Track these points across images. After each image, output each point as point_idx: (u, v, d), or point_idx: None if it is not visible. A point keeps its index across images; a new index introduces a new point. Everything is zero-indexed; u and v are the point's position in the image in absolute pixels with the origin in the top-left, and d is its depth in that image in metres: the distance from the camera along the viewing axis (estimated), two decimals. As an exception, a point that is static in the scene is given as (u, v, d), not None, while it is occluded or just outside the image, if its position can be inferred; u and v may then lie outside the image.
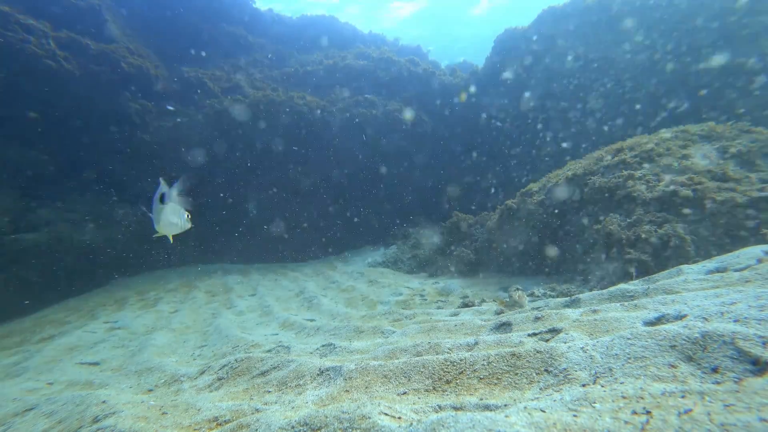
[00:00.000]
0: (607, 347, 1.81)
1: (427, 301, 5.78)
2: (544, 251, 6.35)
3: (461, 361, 2.06)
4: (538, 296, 4.87)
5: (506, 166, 12.02)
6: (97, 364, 4.33)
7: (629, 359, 1.69)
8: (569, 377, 1.71)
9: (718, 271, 3.12)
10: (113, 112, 9.27)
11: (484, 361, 2.01)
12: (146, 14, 11.62)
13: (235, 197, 10.75)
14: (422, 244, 9.77)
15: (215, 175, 10.56)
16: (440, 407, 1.76)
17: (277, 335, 4.61)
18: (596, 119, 10.50)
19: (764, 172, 5.03)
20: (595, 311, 2.68)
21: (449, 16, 42.33)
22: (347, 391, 2.11)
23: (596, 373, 1.68)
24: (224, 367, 3.10)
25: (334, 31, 15.97)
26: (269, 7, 15.91)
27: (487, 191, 11.94)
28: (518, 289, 4.25)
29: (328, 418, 1.67)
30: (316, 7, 36.38)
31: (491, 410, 1.63)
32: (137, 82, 9.66)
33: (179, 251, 10.32)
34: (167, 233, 2.90)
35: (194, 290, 7.93)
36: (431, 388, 1.97)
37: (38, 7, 8.75)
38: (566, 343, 2.00)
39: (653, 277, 3.62)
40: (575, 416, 1.37)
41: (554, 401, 1.50)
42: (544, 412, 1.43)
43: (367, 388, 2.10)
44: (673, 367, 1.58)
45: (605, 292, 3.32)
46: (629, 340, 1.79)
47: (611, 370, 1.67)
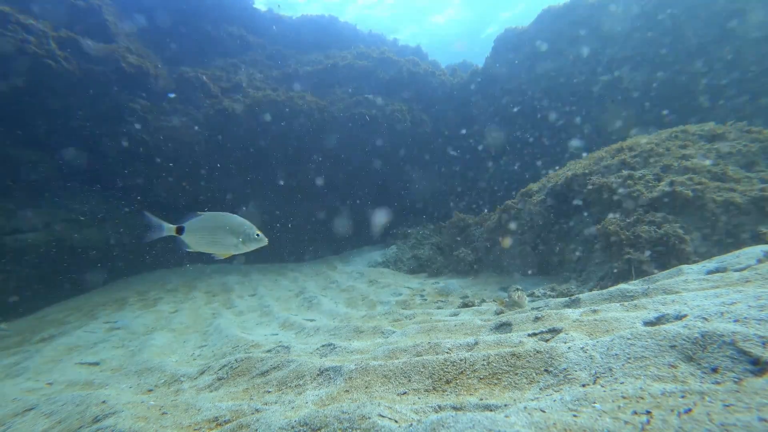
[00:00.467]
0: (607, 347, 1.81)
1: (427, 301, 5.78)
2: (543, 251, 6.34)
3: (461, 361, 2.06)
4: (537, 296, 4.87)
5: (506, 165, 12.02)
6: (97, 364, 4.33)
7: (629, 359, 1.69)
8: (569, 377, 1.71)
9: (718, 271, 3.12)
10: (113, 111, 9.26)
11: (484, 361, 2.01)
12: (146, 14, 11.60)
13: (234, 197, 10.75)
14: (422, 244, 9.77)
15: (214, 174, 10.56)
16: (440, 407, 1.76)
17: (277, 335, 4.61)
18: (596, 119, 10.49)
19: (764, 172, 5.03)
20: (595, 311, 2.68)
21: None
22: (347, 391, 2.11)
23: (596, 373, 1.68)
24: (224, 367, 3.10)
25: (334, 31, 15.95)
26: (269, 7, 15.88)
27: (486, 191, 11.94)
28: (518, 289, 4.24)
29: (328, 418, 1.67)
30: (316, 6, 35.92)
31: (491, 410, 1.63)
32: (137, 81, 9.66)
33: (179, 251, 10.32)
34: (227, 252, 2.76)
35: (194, 290, 7.93)
36: (431, 388, 1.97)
37: (38, 7, 8.75)
38: (566, 343, 2.00)
39: (653, 277, 3.62)
40: (575, 416, 1.37)
41: (554, 401, 1.50)
42: (544, 412, 1.43)
43: (367, 388, 2.10)
44: (673, 367, 1.58)
45: (605, 292, 3.32)
46: (629, 340, 1.79)
47: (611, 370, 1.67)
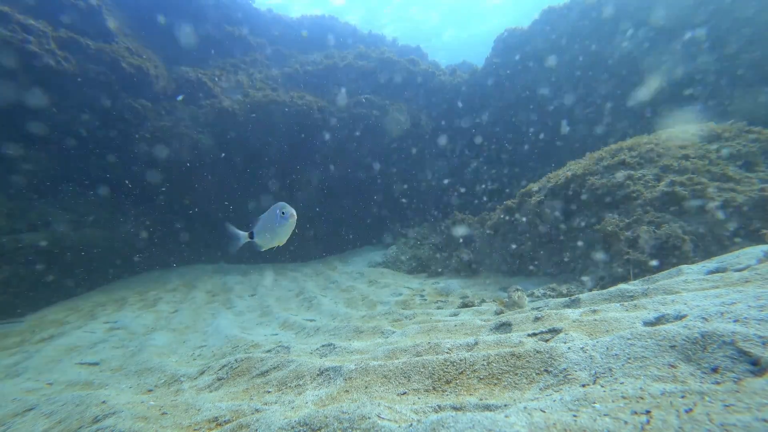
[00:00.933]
0: (606, 347, 1.81)
1: (426, 301, 5.77)
2: (543, 251, 6.34)
3: (461, 361, 2.06)
4: (537, 296, 4.87)
5: (507, 165, 12.02)
6: (96, 364, 4.33)
7: (629, 359, 1.69)
8: (569, 377, 1.71)
9: (718, 271, 3.12)
10: (113, 111, 9.26)
11: (483, 361, 2.01)
12: (146, 14, 11.60)
13: (234, 197, 10.75)
14: (422, 244, 9.76)
15: (215, 174, 10.55)
16: (440, 407, 1.76)
17: (276, 335, 4.61)
18: (597, 120, 10.50)
19: (764, 172, 5.03)
20: (594, 311, 2.68)
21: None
22: (347, 391, 2.11)
23: (596, 373, 1.68)
24: (224, 367, 3.09)
25: (334, 31, 15.96)
26: (269, 7, 15.88)
27: (486, 190, 11.94)
28: (518, 289, 4.24)
29: (327, 418, 1.67)
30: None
31: (491, 410, 1.63)
32: (137, 81, 9.66)
33: (179, 251, 10.33)
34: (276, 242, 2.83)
35: (194, 290, 7.93)
36: (431, 388, 1.97)
37: (38, 7, 8.75)
38: (566, 343, 2.00)
39: (653, 277, 3.62)
40: (575, 416, 1.37)
41: (554, 401, 1.50)
42: (544, 412, 1.43)
43: (366, 388, 2.10)
44: (672, 367, 1.58)
45: (605, 292, 3.32)
46: (629, 340, 1.79)
47: (611, 370, 1.67)
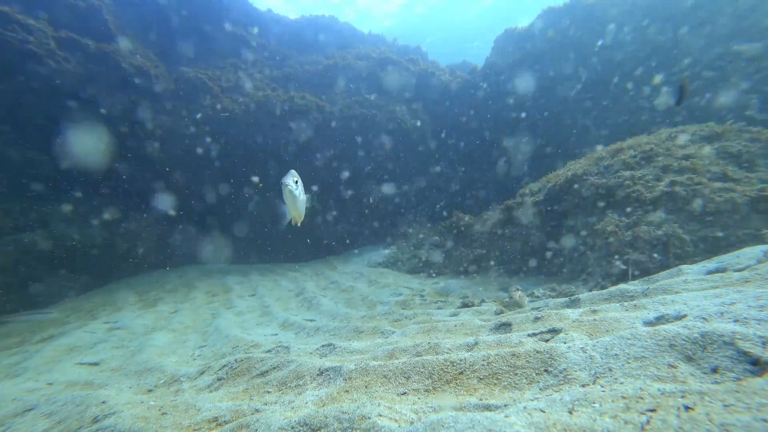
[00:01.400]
0: (606, 347, 1.81)
1: (426, 301, 5.77)
2: (543, 251, 6.34)
3: (461, 361, 2.06)
4: (537, 296, 4.87)
5: (507, 166, 12.02)
6: (96, 364, 4.33)
7: (629, 359, 1.69)
8: (569, 377, 1.71)
9: (717, 271, 3.12)
10: (113, 111, 9.26)
11: (483, 361, 2.01)
12: (146, 14, 11.60)
13: (234, 197, 10.75)
14: (422, 244, 9.76)
15: (215, 174, 10.55)
16: (440, 407, 1.76)
17: (276, 335, 4.61)
18: (597, 120, 10.50)
19: (764, 172, 5.03)
20: (594, 311, 2.67)
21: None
22: (347, 391, 2.11)
23: (596, 373, 1.68)
24: (224, 367, 3.09)
25: (333, 31, 15.96)
26: (268, 7, 15.88)
27: (486, 190, 11.93)
28: (518, 289, 4.24)
29: (327, 418, 1.67)
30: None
31: (491, 410, 1.63)
32: (137, 81, 9.66)
33: (179, 251, 10.32)
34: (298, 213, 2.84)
35: (194, 290, 7.92)
36: (431, 388, 1.97)
37: (38, 7, 8.75)
38: (566, 343, 2.00)
39: (653, 277, 3.62)
40: (575, 416, 1.37)
41: (554, 401, 1.50)
42: (543, 412, 1.43)
43: (366, 388, 2.10)
44: (672, 367, 1.58)
45: (605, 292, 3.32)
46: (629, 340, 1.79)
47: (611, 370, 1.67)
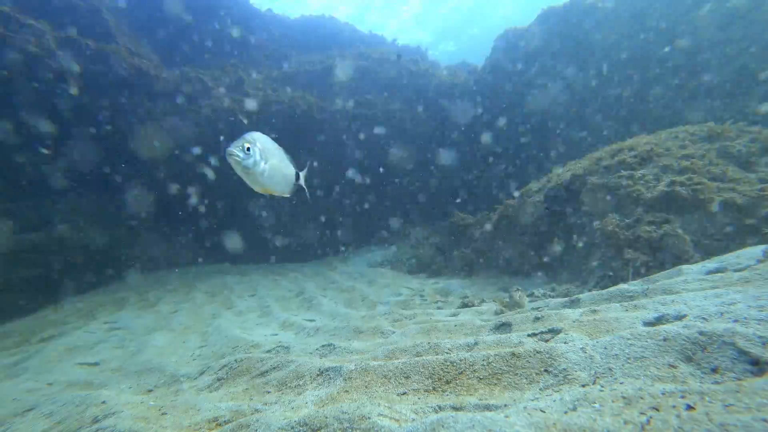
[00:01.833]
0: (606, 347, 1.81)
1: (426, 301, 5.77)
2: (543, 252, 6.34)
3: (461, 361, 2.06)
4: (537, 296, 4.87)
5: (507, 165, 12.02)
6: (96, 364, 4.33)
7: (629, 359, 1.69)
8: (569, 377, 1.71)
9: (717, 271, 3.11)
10: (113, 111, 9.26)
11: (483, 361, 2.01)
12: (146, 14, 11.61)
13: (234, 197, 10.75)
14: (422, 244, 9.76)
15: (214, 174, 10.55)
16: (440, 407, 1.76)
17: (276, 335, 4.60)
18: (598, 121, 10.50)
19: (764, 172, 5.03)
20: (594, 311, 2.67)
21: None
22: (347, 391, 2.11)
23: (596, 373, 1.68)
24: (224, 367, 3.09)
25: (333, 31, 15.98)
26: (268, 7, 15.90)
27: (486, 190, 11.93)
28: (518, 289, 4.24)
29: (327, 418, 1.67)
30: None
31: (491, 410, 1.63)
32: (137, 82, 9.67)
33: (179, 251, 10.32)
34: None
35: (194, 290, 7.92)
36: (431, 388, 1.97)
37: (38, 7, 8.75)
38: (566, 343, 2.00)
39: (653, 277, 3.61)
40: (575, 416, 1.37)
41: (554, 401, 1.50)
42: (543, 412, 1.43)
43: (366, 388, 2.10)
44: (672, 367, 1.58)
45: (605, 292, 3.32)
46: (629, 340, 1.79)
47: (611, 370, 1.67)
